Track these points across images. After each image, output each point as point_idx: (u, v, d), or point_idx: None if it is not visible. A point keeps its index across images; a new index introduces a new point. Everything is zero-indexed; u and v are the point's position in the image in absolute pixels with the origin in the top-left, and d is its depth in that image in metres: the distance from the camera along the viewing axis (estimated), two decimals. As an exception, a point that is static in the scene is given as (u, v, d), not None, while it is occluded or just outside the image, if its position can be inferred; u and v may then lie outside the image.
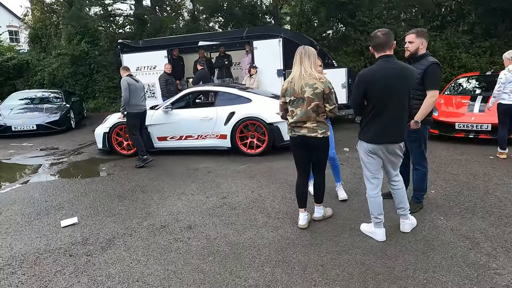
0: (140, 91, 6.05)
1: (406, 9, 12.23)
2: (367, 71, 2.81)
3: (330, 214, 3.53)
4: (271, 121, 6.14)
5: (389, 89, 2.69)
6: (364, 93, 2.76)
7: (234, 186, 4.69)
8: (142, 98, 6.10)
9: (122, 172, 5.75)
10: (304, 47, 3.10)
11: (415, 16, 12.04)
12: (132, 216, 3.86)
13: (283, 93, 3.17)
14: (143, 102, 6.10)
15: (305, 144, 3.16)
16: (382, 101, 2.71)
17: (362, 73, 2.82)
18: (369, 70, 2.81)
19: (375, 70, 2.75)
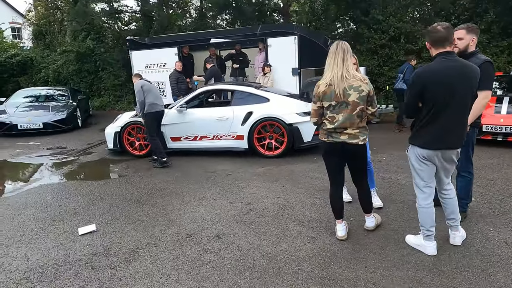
0: (154, 90, 5.87)
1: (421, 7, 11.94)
2: (425, 69, 2.55)
3: (380, 221, 3.29)
4: (291, 122, 5.89)
5: (450, 89, 2.43)
6: (421, 94, 2.50)
7: (257, 191, 4.44)
8: (159, 97, 5.88)
9: (136, 174, 5.50)
10: (343, 42, 2.82)
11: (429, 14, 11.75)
12: (153, 223, 3.61)
13: (319, 97, 2.85)
14: (160, 101, 5.88)
15: (343, 151, 2.90)
16: (442, 102, 2.45)
17: (420, 72, 2.55)
18: (428, 68, 2.54)
19: (434, 68, 2.49)
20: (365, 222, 3.20)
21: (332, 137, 2.89)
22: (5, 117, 9.05)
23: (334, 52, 2.79)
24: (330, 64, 2.81)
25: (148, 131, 5.83)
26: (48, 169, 6.09)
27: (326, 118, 2.90)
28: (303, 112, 5.94)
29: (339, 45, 2.79)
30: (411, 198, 3.96)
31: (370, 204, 3.14)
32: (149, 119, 5.73)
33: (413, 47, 10.32)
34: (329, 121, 2.87)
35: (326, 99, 2.82)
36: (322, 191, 4.32)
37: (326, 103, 2.84)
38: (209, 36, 8.89)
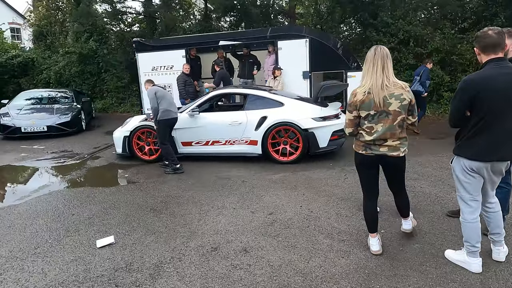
0: (168, 96, 5.73)
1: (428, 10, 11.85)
2: (475, 76, 2.40)
3: (415, 223, 3.19)
4: (306, 127, 5.74)
5: (505, 98, 2.29)
6: (471, 102, 2.35)
7: (277, 199, 4.28)
8: (173, 104, 5.73)
9: (148, 180, 5.32)
10: (381, 47, 2.66)
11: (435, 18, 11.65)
12: (174, 235, 3.44)
13: (356, 106, 2.68)
14: (174, 107, 5.72)
15: (382, 164, 2.77)
16: (495, 111, 2.30)
17: (470, 79, 2.40)
18: (479, 75, 2.39)
19: (487, 75, 2.34)
20: (402, 224, 3.16)
21: (371, 150, 2.73)
22: (8, 119, 8.86)
23: (372, 58, 2.63)
24: (368, 70, 2.65)
25: (160, 138, 5.67)
26: (56, 175, 5.91)
27: (362, 129, 2.75)
28: (319, 117, 5.80)
29: (377, 51, 2.63)
30: (439, 208, 3.83)
31: (408, 209, 3.08)
32: (162, 126, 5.57)
33: (423, 50, 10.21)
34: (366, 131, 2.72)
35: (364, 108, 2.67)
36: (345, 200, 4.17)
37: (363, 112, 2.68)
38: (217, 39, 8.73)
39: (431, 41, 10.09)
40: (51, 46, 17.45)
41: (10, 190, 5.17)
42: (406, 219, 3.11)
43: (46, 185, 5.28)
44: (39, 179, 5.75)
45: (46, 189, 5.07)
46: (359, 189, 4.48)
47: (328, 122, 5.83)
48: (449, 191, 4.31)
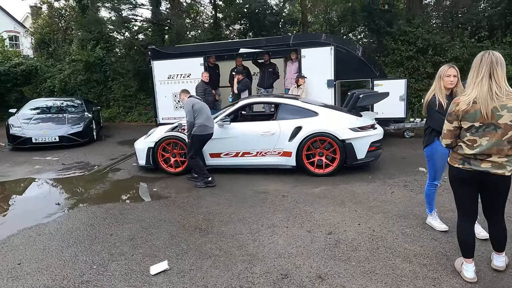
0: (206, 109, 5.33)
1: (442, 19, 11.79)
2: None
3: (507, 260, 2.83)
4: (344, 138, 5.47)
5: None
6: None
7: (329, 216, 3.98)
8: (210, 118, 5.37)
9: (180, 195, 4.99)
10: (490, 53, 2.41)
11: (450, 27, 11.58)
12: (233, 259, 3.11)
13: (457, 116, 2.44)
14: (211, 122, 5.38)
15: (483, 182, 2.48)
16: None
17: None
18: None
19: None
20: (493, 259, 2.75)
21: (470, 164, 2.45)
22: (18, 130, 8.47)
23: (477, 65, 2.39)
24: (472, 79, 2.40)
25: (190, 152, 5.32)
26: (79, 188, 5.55)
27: (462, 141, 2.48)
28: (357, 127, 5.54)
29: (484, 57, 2.38)
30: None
31: (505, 242, 2.68)
32: (196, 141, 5.25)
33: (441, 59, 10.07)
34: (467, 144, 2.45)
35: (467, 119, 2.40)
36: (404, 217, 3.88)
37: (466, 123, 2.42)
38: (238, 46, 8.48)
39: (450, 50, 9.97)
40: (53, 54, 17.14)
41: (33, 206, 4.78)
42: (500, 254, 2.70)
43: (71, 200, 4.92)
44: (62, 193, 5.39)
45: (72, 205, 4.71)
46: (413, 205, 4.23)
47: (366, 133, 5.57)
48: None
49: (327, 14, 14.55)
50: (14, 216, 4.42)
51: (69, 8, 17.87)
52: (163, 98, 9.12)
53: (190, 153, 5.31)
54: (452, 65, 3.28)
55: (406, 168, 5.77)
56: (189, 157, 5.34)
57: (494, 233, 2.67)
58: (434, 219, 3.59)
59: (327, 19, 14.36)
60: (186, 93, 5.55)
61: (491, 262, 2.79)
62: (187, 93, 5.57)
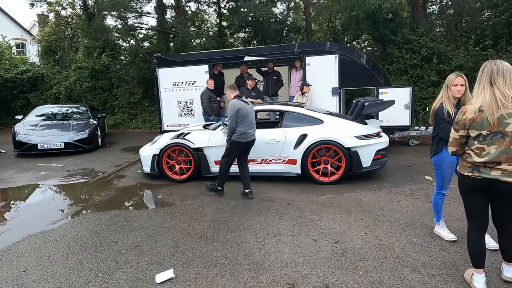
0: (251, 116, 4.97)
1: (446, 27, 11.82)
2: None
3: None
4: (350, 146, 5.45)
5: None
6: None
7: (336, 225, 3.94)
8: (253, 125, 5.02)
9: (185, 202, 4.98)
10: (495, 62, 2.42)
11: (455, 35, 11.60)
12: (239, 268, 3.09)
13: (464, 125, 2.44)
14: (253, 129, 5.02)
15: (492, 190, 2.45)
16: None
17: None
18: None
19: None
20: (503, 270, 2.71)
21: (479, 172, 2.44)
22: (24, 136, 8.52)
23: (480, 75, 2.42)
24: (477, 88, 2.42)
25: (226, 156, 5.05)
26: (84, 195, 5.55)
27: (471, 149, 2.47)
28: (363, 135, 5.52)
29: (486, 66, 2.41)
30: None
31: None
32: (235, 147, 4.94)
33: (446, 67, 10.07)
34: (475, 152, 2.44)
35: (474, 127, 2.40)
36: (411, 226, 3.85)
37: (474, 132, 2.41)
38: (242, 54, 8.54)
39: (454, 58, 9.97)
40: (60, 62, 17.33)
41: (38, 212, 4.79)
42: (510, 264, 2.65)
43: (76, 207, 4.92)
44: (67, 199, 5.38)
45: (77, 212, 4.71)
46: (420, 214, 4.20)
47: (372, 141, 5.56)
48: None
49: (331, 23, 14.64)
50: (19, 223, 4.41)
51: (76, 16, 18.13)
52: (168, 105, 9.17)
53: (226, 158, 5.05)
54: (460, 73, 3.28)
55: (412, 177, 5.74)
56: (224, 163, 5.06)
57: (504, 243, 2.63)
58: (442, 229, 3.56)
59: (331, 28, 14.44)
60: (233, 90, 5.05)
61: (501, 273, 2.74)
62: (234, 90, 5.06)
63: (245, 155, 5.15)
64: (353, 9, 9.87)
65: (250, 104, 5.08)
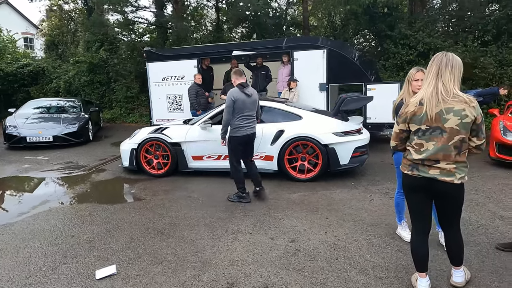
0: (249, 106, 4.46)
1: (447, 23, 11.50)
2: None
3: (469, 277, 2.66)
4: (327, 142, 5.33)
5: None
6: None
7: (298, 224, 3.84)
8: (249, 117, 4.50)
9: (155, 197, 4.93)
10: (446, 53, 2.28)
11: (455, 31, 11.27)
12: (185, 265, 3.02)
13: (405, 118, 2.32)
14: (251, 122, 4.52)
15: (432, 190, 2.32)
16: None
17: None
18: None
19: None
20: (452, 275, 2.57)
21: (418, 171, 2.31)
22: (13, 129, 8.59)
23: (429, 66, 2.28)
24: (424, 80, 2.28)
25: (231, 156, 4.60)
26: (58, 189, 5.56)
27: (411, 145, 2.35)
28: (341, 131, 5.39)
29: (437, 57, 2.27)
30: (485, 239, 3.35)
31: (462, 256, 2.51)
32: (233, 144, 4.50)
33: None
34: (415, 149, 2.31)
35: (415, 121, 2.28)
36: (374, 226, 3.72)
37: (414, 126, 2.29)
38: (231, 48, 8.43)
39: (452, 54, 9.67)
40: (62, 56, 17.49)
41: (7, 205, 4.80)
42: (458, 268, 2.52)
43: (46, 201, 4.91)
44: (40, 193, 5.39)
45: (46, 205, 4.70)
46: (388, 213, 4.06)
47: (350, 138, 5.41)
48: (492, 218, 3.83)
49: (331, 18, 14.40)
50: (-12, 215, 4.43)
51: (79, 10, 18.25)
52: (158, 100, 9.13)
53: (232, 159, 4.59)
54: (421, 68, 3.13)
55: (392, 175, 5.53)
56: (231, 163, 4.64)
57: (449, 246, 2.50)
58: (404, 229, 3.43)
59: (330, 23, 14.21)
60: (238, 77, 4.51)
61: (450, 278, 2.61)
62: (239, 76, 4.52)
63: (248, 150, 4.70)
64: (348, 3, 9.66)
65: (254, 94, 4.54)
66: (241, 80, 4.51)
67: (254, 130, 4.62)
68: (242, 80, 4.52)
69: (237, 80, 4.52)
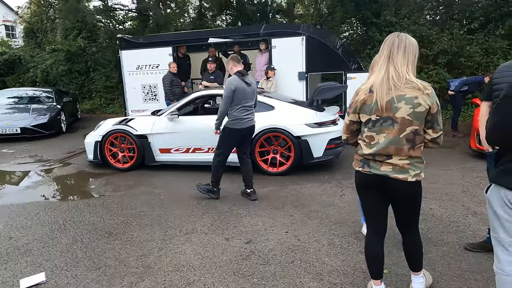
0: (249, 97, 4.10)
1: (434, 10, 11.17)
2: None
3: (431, 282, 2.41)
4: (299, 134, 5.05)
5: None
6: None
7: (260, 222, 3.58)
8: (249, 108, 4.14)
9: (115, 193, 4.63)
10: (398, 34, 1.99)
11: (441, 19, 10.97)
12: (123, 271, 2.74)
13: (355, 108, 2.04)
14: (250, 114, 4.17)
15: (385, 188, 2.05)
16: None
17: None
18: None
19: None
20: (411, 282, 2.33)
21: (369, 167, 2.04)
22: (-20, 120, 8.18)
23: (381, 48, 1.99)
24: (376, 64, 1.99)
25: (219, 147, 4.23)
26: (14, 184, 5.22)
27: (362, 138, 2.07)
28: (314, 122, 5.11)
29: (389, 39, 1.98)
30: (454, 239, 3.12)
31: (421, 261, 2.26)
32: (229, 136, 4.13)
33: (428, 52, 9.50)
34: (366, 142, 2.04)
35: (365, 110, 1.99)
36: (340, 224, 3.48)
37: (364, 116, 2.01)
38: (207, 36, 8.05)
39: (437, 42, 9.39)
40: (41, 44, 16.86)
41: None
42: (417, 274, 2.26)
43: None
44: (-6, 189, 5.06)
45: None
46: (357, 210, 3.79)
47: (324, 129, 5.14)
48: (465, 214, 3.61)
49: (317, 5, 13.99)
50: None
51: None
52: (132, 89, 8.78)
53: (220, 149, 4.21)
54: None
55: (368, 168, 5.34)
56: (216, 153, 4.25)
57: (407, 250, 2.24)
58: None
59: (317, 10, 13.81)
60: (236, 63, 4.11)
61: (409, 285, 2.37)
62: (237, 63, 4.12)
63: (244, 145, 4.33)
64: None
65: (253, 83, 4.21)
66: (239, 68, 4.10)
67: (254, 122, 4.27)
68: (240, 67, 4.13)
69: (235, 67, 4.10)
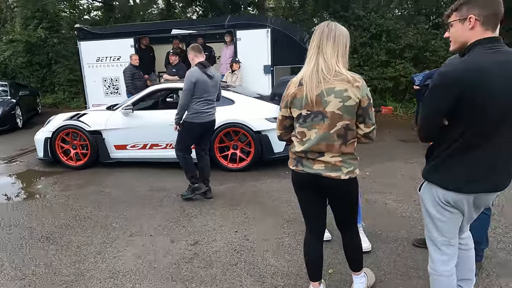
0: (211, 90, 3.87)
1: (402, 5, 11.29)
2: (461, 66, 1.54)
3: (374, 281, 2.34)
4: (259, 129, 4.92)
5: (506, 100, 1.50)
6: (454, 105, 1.54)
7: (210, 222, 3.43)
8: (210, 101, 3.94)
9: (63, 192, 4.36)
10: (328, 23, 1.86)
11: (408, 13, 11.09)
12: (51, 280, 2.52)
13: (286, 102, 1.91)
14: (211, 108, 3.97)
15: (319, 187, 1.94)
16: (489, 120, 1.51)
17: (452, 70, 1.54)
18: (466, 64, 1.53)
19: (478, 64, 1.49)
20: (353, 282, 2.24)
21: (303, 166, 1.92)
22: None
23: (312, 39, 1.85)
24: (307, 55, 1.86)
25: (178, 143, 4.00)
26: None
27: (294, 135, 1.95)
28: (275, 117, 4.97)
29: (319, 28, 1.84)
30: (404, 234, 3.09)
31: (360, 260, 2.17)
32: (188, 130, 3.89)
33: (396, 46, 9.60)
34: (298, 139, 1.91)
35: (295, 105, 1.87)
36: (293, 222, 3.38)
37: (295, 111, 1.88)
38: (170, 27, 7.76)
39: (404, 36, 9.49)
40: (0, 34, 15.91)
41: None
42: (358, 274, 2.17)
43: None
44: None
45: None
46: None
47: (285, 124, 5.02)
48: (418, 209, 3.58)
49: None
50: None
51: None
52: (92, 82, 8.38)
53: (179, 145, 3.97)
54: None
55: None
56: (177, 150, 4.01)
57: (347, 249, 2.15)
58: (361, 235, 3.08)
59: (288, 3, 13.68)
60: (197, 53, 3.82)
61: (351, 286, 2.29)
62: (199, 53, 3.83)
63: (204, 141, 4.13)
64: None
65: (216, 76, 3.96)
66: (200, 58, 3.84)
67: (214, 116, 4.06)
68: (202, 58, 3.86)
69: (196, 58, 3.83)
